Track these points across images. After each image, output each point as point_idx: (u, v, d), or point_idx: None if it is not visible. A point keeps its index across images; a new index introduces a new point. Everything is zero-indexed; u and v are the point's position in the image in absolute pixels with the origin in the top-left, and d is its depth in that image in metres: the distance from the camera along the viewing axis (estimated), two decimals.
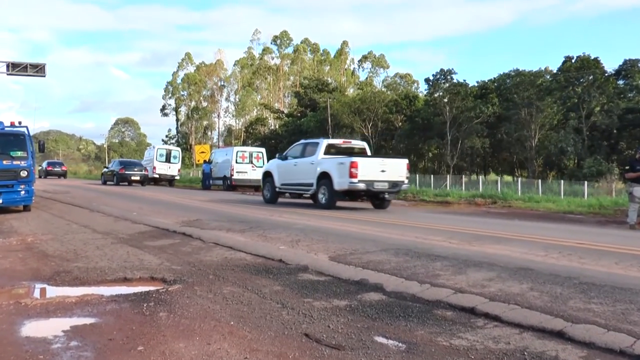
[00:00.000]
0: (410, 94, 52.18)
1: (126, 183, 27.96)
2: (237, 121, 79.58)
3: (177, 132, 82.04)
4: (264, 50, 77.70)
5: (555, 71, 42.72)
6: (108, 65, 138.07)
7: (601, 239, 7.86)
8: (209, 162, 27.37)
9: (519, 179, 34.12)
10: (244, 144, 60.52)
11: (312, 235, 7.57)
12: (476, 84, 45.82)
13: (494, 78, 46.19)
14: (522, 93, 39.67)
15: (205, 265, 5.60)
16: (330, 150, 13.54)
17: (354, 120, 46.63)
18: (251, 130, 64.64)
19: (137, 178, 28.00)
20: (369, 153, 14.36)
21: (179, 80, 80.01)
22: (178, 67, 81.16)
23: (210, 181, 26.68)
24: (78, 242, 7.33)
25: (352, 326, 3.57)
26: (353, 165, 12.06)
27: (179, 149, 35.82)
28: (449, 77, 45.25)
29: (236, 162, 24.41)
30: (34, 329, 3.54)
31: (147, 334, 3.38)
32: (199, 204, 14.48)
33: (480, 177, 38.81)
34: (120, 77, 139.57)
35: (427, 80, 46.92)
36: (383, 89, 62.78)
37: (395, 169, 12.68)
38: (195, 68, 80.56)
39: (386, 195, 13.09)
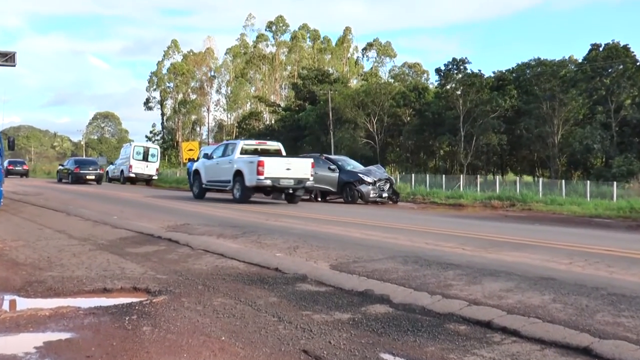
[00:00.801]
0: (419, 86, 52.22)
1: (82, 182, 30.37)
2: (229, 115, 79.75)
3: (163, 127, 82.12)
4: (258, 37, 77.79)
5: (580, 60, 42.75)
6: (86, 54, 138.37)
7: (632, 245, 7.86)
8: (197, 160, 27.39)
9: (540, 180, 34.16)
10: None
11: (312, 242, 7.59)
12: (492, 75, 45.86)
13: (513, 68, 46.23)
14: (544, 85, 39.70)
15: (194, 275, 5.61)
16: (247, 150, 16.73)
17: (357, 115, 46.68)
18: (244, 126, 64.74)
19: (92, 177, 30.61)
20: (284, 153, 17.55)
21: (164, 71, 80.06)
22: (164, 56, 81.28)
23: None
24: (52, 248, 7.33)
25: (356, 342, 3.57)
26: (260, 164, 15.08)
27: (157, 146, 36.11)
28: (462, 67, 45.30)
29: None
30: (2, 345, 3.54)
31: (129, 350, 3.37)
32: (187, 206, 14.50)
33: (497, 177, 38.81)
34: (99, 67, 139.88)
35: (438, 71, 47.00)
36: (389, 80, 62.87)
37: (300, 167, 15.71)
38: (182, 57, 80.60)
39: (291, 191, 16.13)
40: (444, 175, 36.09)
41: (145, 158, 31.80)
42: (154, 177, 32.10)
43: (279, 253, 6.75)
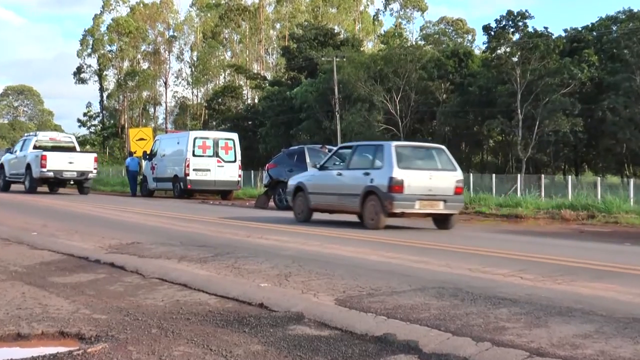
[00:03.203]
0: (460, 50, 52.32)
1: None
2: (195, 92, 79.98)
3: (102, 108, 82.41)
4: None
5: None
6: None
7: None
8: (150, 154, 27.43)
9: (632, 181, 34.05)
10: (206, 126, 60.82)
11: (310, 266, 7.59)
12: (564, 35, 45.90)
13: (592, 24, 46.23)
14: (637, 47, 39.63)
15: (146, 314, 5.61)
16: (40, 145, 25.06)
17: (373, 91, 46.61)
18: (216, 106, 64.90)
19: None
20: (78, 149, 27.27)
21: (103, 29, 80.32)
22: (103, 7, 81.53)
23: (154, 184, 26.79)
24: None
25: None
26: (43, 157, 23.41)
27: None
28: (521, 23, 45.30)
29: (193, 155, 24.55)
30: None
31: None
32: (137, 218, 14.50)
33: (570, 178, 38.75)
34: (11, 23, 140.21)
35: (486, 29, 47.00)
36: (419, 43, 63.00)
37: (82, 161, 24.81)
38: (129, 9, 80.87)
39: (72, 182, 25.20)
40: (494, 175, 36.06)
41: None
42: None
43: (264, 283, 6.74)
